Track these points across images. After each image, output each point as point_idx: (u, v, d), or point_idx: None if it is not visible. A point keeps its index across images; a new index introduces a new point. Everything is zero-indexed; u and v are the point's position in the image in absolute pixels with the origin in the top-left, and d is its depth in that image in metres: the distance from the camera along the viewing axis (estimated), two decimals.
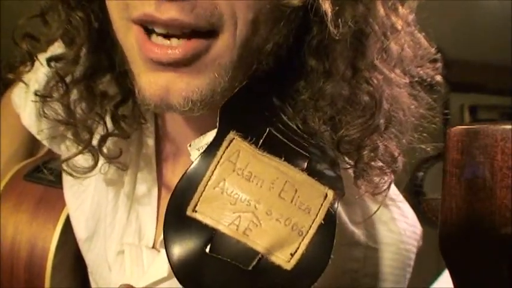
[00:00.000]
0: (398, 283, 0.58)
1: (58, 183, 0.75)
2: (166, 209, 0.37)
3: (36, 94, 0.56)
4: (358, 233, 0.53)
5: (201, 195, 0.34)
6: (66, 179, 0.70)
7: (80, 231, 0.70)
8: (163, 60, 0.42)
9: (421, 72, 0.48)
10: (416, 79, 0.48)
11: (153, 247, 0.59)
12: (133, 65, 0.46)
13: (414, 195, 2.41)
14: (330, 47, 0.41)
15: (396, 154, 0.52)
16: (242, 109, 0.39)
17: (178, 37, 0.41)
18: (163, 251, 0.51)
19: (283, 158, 0.35)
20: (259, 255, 0.32)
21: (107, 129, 0.55)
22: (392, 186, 0.59)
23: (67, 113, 0.54)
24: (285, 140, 0.37)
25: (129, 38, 0.45)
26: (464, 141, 0.41)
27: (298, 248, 0.32)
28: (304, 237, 0.32)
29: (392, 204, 0.58)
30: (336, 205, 0.34)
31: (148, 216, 0.60)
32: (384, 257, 0.55)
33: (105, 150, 0.56)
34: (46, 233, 0.74)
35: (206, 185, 0.34)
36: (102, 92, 0.54)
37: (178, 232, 0.33)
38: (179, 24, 0.40)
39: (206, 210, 0.34)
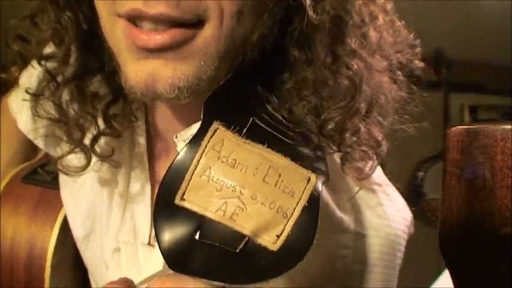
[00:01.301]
0: (389, 269, 0.61)
1: (55, 185, 0.75)
2: (156, 199, 0.38)
3: (27, 92, 0.57)
4: (347, 219, 0.54)
5: (188, 184, 0.36)
6: (63, 179, 0.71)
7: (77, 231, 0.71)
8: (151, 45, 0.42)
9: (401, 57, 0.51)
10: (396, 64, 0.50)
11: (149, 243, 0.60)
12: (120, 56, 0.46)
13: (414, 195, 2.41)
14: (311, 36, 0.43)
15: (380, 138, 0.52)
16: (227, 101, 0.40)
17: (165, 29, 0.43)
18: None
19: (266, 145, 0.36)
20: (246, 238, 0.34)
21: (99, 129, 0.55)
22: (380, 173, 0.63)
23: (59, 112, 0.55)
24: (269, 129, 0.38)
25: (115, 32, 0.45)
26: (464, 141, 0.41)
27: (283, 229, 0.33)
28: (289, 219, 0.33)
29: (379, 190, 0.60)
30: (319, 188, 0.35)
31: (143, 214, 0.61)
32: (373, 242, 0.57)
33: (97, 149, 0.57)
34: (45, 234, 0.75)
35: (193, 174, 0.36)
36: (93, 93, 0.55)
37: (168, 220, 0.35)
38: (166, 18, 0.42)
39: (194, 198, 0.35)
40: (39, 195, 0.78)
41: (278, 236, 0.33)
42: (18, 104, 0.75)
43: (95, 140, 0.56)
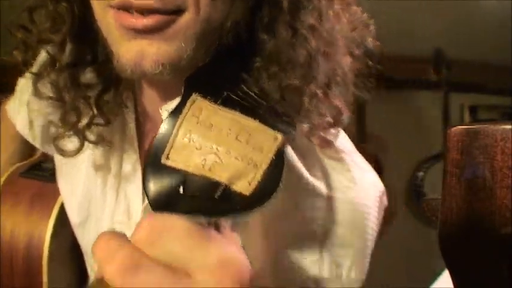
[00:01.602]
0: (359, 231, 0.64)
1: (53, 180, 0.79)
2: (145, 161, 0.46)
3: (30, 72, 0.62)
4: (318, 184, 0.59)
5: (172, 146, 0.42)
6: (59, 169, 0.75)
7: (74, 217, 0.74)
8: (139, 26, 0.50)
9: (356, 35, 0.59)
10: (352, 40, 0.58)
11: None
12: (112, 40, 0.53)
13: (414, 195, 2.42)
14: (276, 18, 0.50)
15: (340, 106, 0.58)
16: (205, 79, 0.47)
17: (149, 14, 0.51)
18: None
19: (238, 112, 0.44)
20: (223, 186, 0.40)
21: (92, 114, 0.61)
22: (349, 143, 0.69)
23: (57, 95, 0.60)
24: (242, 101, 0.45)
25: (107, 18, 0.52)
26: (464, 141, 0.41)
27: (254, 177, 0.40)
28: (258, 169, 0.40)
29: (347, 158, 0.64)
30: (285, 146, 0.42)
31: (135, 193, 0.65)
32: (342, 206, 0.61)
33: (90, 134, 0.62)
34: (42, 225, 0.78)
35: (176, 137, 0.42)
36: (86, 83, 0.61)
37: (155, 176, 0.41)
38: (151, 8, 0.49)
39: (177, 157, 0.42)
40: (37, 189, 0.82)
41: (250, 183, 0.40)
42: (16, 108, 0.81)
43: (87, 125, 0.61)
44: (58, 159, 0.75)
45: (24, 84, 0.80)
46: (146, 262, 0.33)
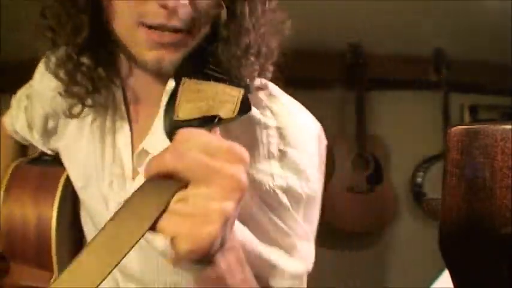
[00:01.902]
0: (306, 148, 0.83)
1: (54, 164, 0.96)
2: (163, 120, 0.67)
3: (47, 57, 0.85)
4: (268, 119, 0.80)
5: (178, 108, 0.66)
6: (64, 148, 0.93)
7: (78, 181, 0.90)
8: (165, 41, 0.72)
9: (276, 23, 0.80)
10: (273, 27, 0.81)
11: (133, 178, 0.84)
12: (137, 47, 0.74)
13: (414, 195, 2.42)
14: (231, 20, 0.75)
15: (266, 64, 0.82)
16: (187, 66, 0.73)
17: (170, 33, 0.72)
18: (137, 178, 0.81)
19: (212, 81, 0.70)
20: (217, 116, 0.65)
21: (91, 85, 0.80)
22: (279, 90, 0.87)
23: (68, 75, 0.80)
24: (213, 74, 0.72)
25: (136, 33, 0.72)
26: (464, 141, 0.41)
27: (235, 108, 0.66)
28: (236, 104, 0.66)
29: (281, 98, 0.85)
30: (246, 95, 0.68)
31: (125, 145, 0.85)
32: (287, 132, 0.80)
33: (89, 101, 0.82)
34: (49, 202, 0.94)
35: (179, 102, 0.67)
36: (87, 65, 0.80)
37: (170, 124, 0.65)
38: (174, 28, 0.71)
39: (183, 113, 0.66)
40: (43, 173, 0.98)
41: (233, 111, 0.66)
42: (15, 116, 1.03)
43: (86, 93, 0.81)
44: (62, 140, 0.93)
45: (22, 94, 1.03)
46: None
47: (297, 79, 2.43)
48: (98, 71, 0.80)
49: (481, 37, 2.15)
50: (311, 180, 0.81)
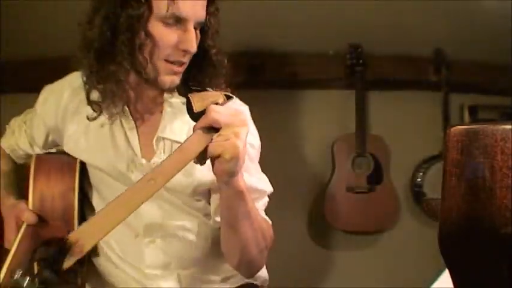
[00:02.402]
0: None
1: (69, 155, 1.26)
2: (189, 115, 1.00)
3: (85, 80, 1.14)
4: (236, 105, 1.17)
5: (194, 106, 1.00)
6: (69, 146, 1.24)
7: (96, 163, 1.21)
8: (178, 71, 1.11)
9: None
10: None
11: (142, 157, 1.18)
12: (156, 72, 1.10)
13: (414, 195, 2.42)
14: (207, 44, 1.17)
15: (222, 77, 1.19)
16: (180, 84, 1.13)
17: (181, 65, 1.12)
18: (154, 158, 1.16)
19: (205, 91, 1.09)
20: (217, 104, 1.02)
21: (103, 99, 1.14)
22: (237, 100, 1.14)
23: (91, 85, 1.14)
24: (197, 88, 1.08)
25: (159, 64, 1.09)
26: (464, 141, 0.41)
27: (223, 100, 1.02)
28: (224, 98, 1.02)
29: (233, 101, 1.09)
30: (228, 94, 1.04)
31: (134, 136, 1.17)
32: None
33: (104, 109, 1.14)
34: (71, 182, 1.22)
35: (194, 103, 1.00)
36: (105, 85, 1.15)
37: (193, 114, 1.00)
38: (183, 62, 1.11)
39: (197, 108, 0.99)
40: (61, 158, 1.25)
41: (222, 103, 1.01)
42: (13, 139, 1.33)
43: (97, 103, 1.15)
44: (68, 144, 1.23)
45: (20, 121, 1.33)
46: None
47: (297, 79, 2.42)
48: (115, 89, 1.10)
49: (481, 37, 2.15)
50: (257, 137, 1.22)
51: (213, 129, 0.95)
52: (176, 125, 1.14)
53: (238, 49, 1.36)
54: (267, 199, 1.23)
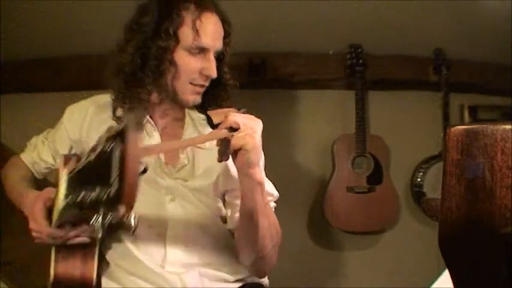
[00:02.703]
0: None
1: None
2: (209, 124, 1.18)
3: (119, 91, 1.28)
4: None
5: (213, 118, 1.13)
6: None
7: None
8: (199, 91, 1.28)
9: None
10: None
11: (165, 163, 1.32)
12: (182, 92, 1.26)
13: (414, 195, 2.42)
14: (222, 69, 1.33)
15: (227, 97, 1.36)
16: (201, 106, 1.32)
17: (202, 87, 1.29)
18: (178, 163, 1.30)
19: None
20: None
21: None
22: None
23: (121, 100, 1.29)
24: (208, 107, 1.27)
25: (187, 86, 1.25)
26: (464, 141, 0.41)
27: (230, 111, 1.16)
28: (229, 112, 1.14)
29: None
30: (235, 111, 1.15)
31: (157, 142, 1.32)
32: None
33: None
34: None
35: (212, 117, 1.15)
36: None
37: (212, 125, 1.15)
38: (206, 85, 1.29)
39: (216, 120, 1.13)
40: None
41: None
42: (36, 154, 1.43)
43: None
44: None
45: (42, 137, 1.43)
46: None
47: (297, 79, 2.42)
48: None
49: (481, 37, 2.15)
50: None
51: (232, 129, 1.08)
52: (196, 135, 1.30)
53: (238, 49, 1.35)
54: (274, 204, 1.33)
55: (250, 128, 1.08)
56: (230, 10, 1.29)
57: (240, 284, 1.32)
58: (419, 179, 2.33)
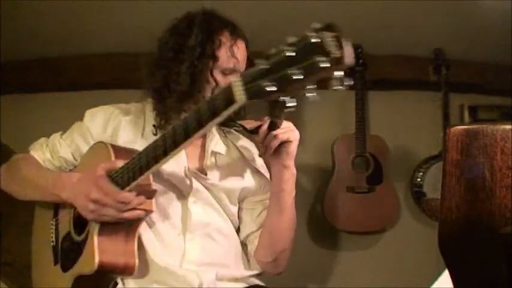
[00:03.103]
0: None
1: None
2: (244, 133, 1.37)
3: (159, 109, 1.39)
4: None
5: (246, 127, 1.31)
6: None
7: None
8: None
9: None
10: None
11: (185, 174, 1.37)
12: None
13: (414, 195, 2.42)
14: None
15: None
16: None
17: None
18: (209, 172, 1.38)
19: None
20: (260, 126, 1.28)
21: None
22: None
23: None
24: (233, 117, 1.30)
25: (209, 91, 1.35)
26: (464, 141, 0.41)
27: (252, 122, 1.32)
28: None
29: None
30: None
31: (183, 154, 1.37)
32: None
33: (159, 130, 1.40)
34: None
35: (246, 125, 1.30)
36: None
37: (247, 131, 1.32)
38: None
39: (249, 127, 1.29)
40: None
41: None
42: (45, 151, 1.42)
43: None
44: None
45: (58, 136, 1.43)
46: None
47: None
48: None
49: (481, 37, 2.15)
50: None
51: (270, 129, 1.23)
52: (218, 143, 1.43)
53: None
54: None
55: (290, 124, 1.25)
56: (231, 10, 1.29)
57: (246, 285, 1.37)
58: (419, 179, 2.33)
